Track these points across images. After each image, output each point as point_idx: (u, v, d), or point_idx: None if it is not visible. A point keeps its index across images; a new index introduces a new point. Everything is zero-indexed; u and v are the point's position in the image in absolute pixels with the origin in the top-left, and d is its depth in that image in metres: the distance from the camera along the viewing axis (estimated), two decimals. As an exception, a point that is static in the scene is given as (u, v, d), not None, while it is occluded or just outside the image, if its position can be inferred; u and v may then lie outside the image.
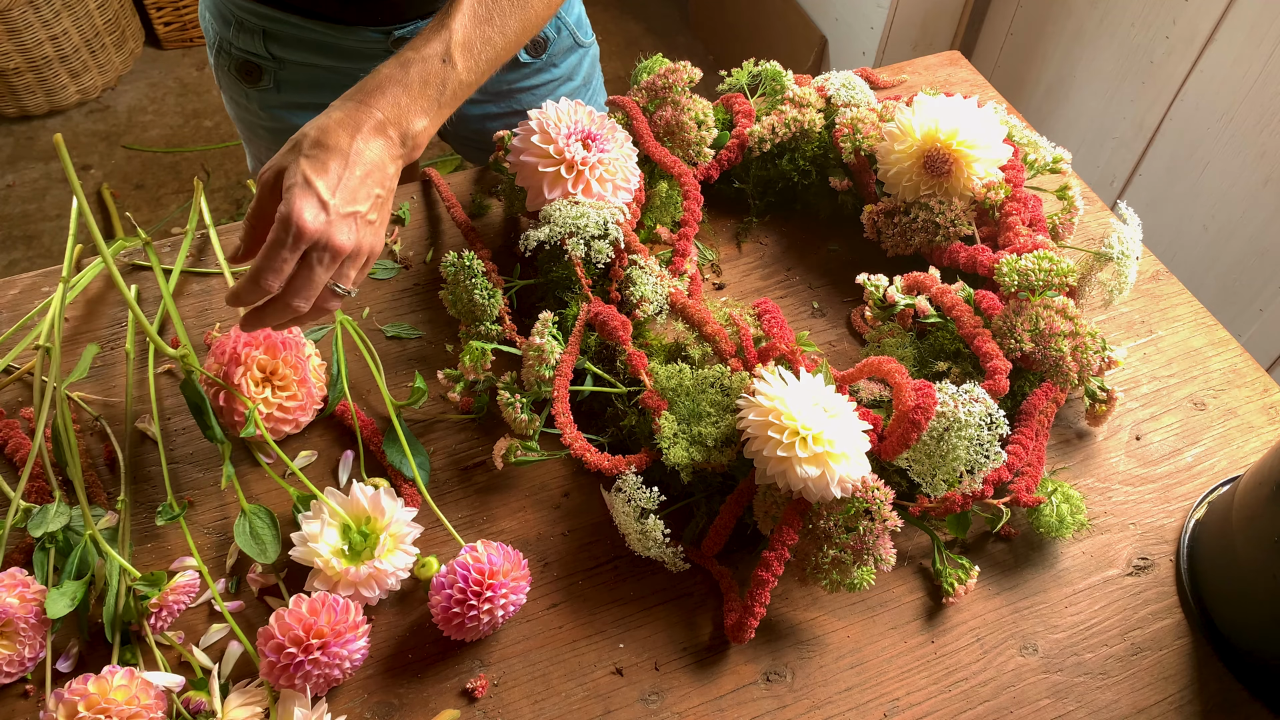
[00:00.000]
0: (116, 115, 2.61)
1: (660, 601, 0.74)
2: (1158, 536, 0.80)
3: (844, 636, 0.73)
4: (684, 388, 0.75)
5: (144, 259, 0.93)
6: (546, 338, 0.75)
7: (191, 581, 0.71)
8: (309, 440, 0.82)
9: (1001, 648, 0.73)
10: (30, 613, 0.67)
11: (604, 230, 0.81)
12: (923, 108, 0.89)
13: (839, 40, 2.27)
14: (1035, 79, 1.91)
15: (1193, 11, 1.53)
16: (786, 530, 0.68)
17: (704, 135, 0.92)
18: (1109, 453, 0.85)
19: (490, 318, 0.81)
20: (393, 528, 0.71)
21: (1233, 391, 0.90)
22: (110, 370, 0.86)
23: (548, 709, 0.69)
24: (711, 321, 0.80)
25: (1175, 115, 1.62)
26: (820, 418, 0.67)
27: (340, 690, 0.69)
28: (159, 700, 0.64)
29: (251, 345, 0.76)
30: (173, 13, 2.72)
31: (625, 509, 0.71)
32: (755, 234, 1.00)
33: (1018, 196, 0.88)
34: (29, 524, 0.70)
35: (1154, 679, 0.72)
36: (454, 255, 0.80)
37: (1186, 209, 1.65)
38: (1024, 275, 0.78)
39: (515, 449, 0.77)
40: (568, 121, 0.85)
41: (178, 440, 0.82)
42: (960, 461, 0.69)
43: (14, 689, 0.68)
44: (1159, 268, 0.99)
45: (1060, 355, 0.76)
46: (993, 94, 1.14)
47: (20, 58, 2.42)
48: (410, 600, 0.74)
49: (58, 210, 2.36)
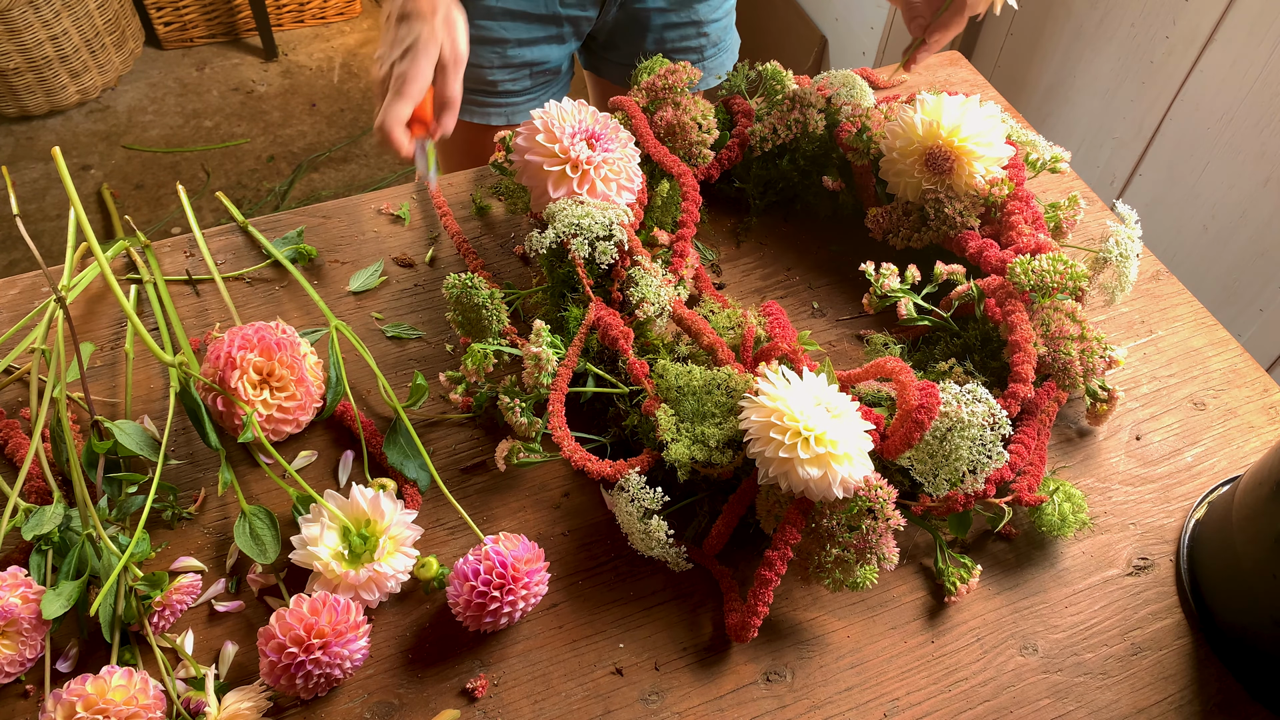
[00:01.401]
0: (116, 115, 2.61)
1: (660, 601, 0.74)
2: (1158, 536, 0.80)
3: (844, 636, 0.73)
4: (691, 387, 0.74)
5: (143, 259, 0.92)
6: (543, 347, 0.75)
7: (193, 582, 0.71)
8: (309, 440, 0.82)
9: (1001, 648, 0.73)
10: (32, 613, 0.67)
11: (609, 231, 0.81)
12: (924, 106, 0.89)
13: (839, 40, 2.27)
14: (1035, 79, 1.91)
15: (1193, 11, 1.53)
16: (790, 529, 0.68)
17: (704, 136, 0.92)
18: (1109, 453, 0.85)
19: (495, 332, 0.81)
20: (393, 530, 0.71)
21: (1233, 391, 0.90)
22: (110, 370, 0.86)
23: (548, 709, 0.69)
24: (709, 332, 0.80)
25: (1175, 115, 1.62)
26: (823, 418, 0.67)
27: (340, 690, 0.69)
28: (158, 700, 0.64)
29: (246, 348, 0.76)
30: (173, 13, 2.72)
31: (628, 509, 0.71)
32: (755, 234, 1.00)
33: (1020, 195, 0.88)
34: (24, 527, 0.70)
35: (1154, 679, 0.72)
36: (454, 277, 0.80)
37: (1186, 209, 1.65)
38: (1039, 276, 0.77)
39: (517, 450, 0.77)
40: (572, 121, 0.85)
41: (178, 440, 0.82)
42: (963, 461, 0.69)
43: (13, 689, 0.68)
44: (1159, 268, 0.99)
45: (1069, 359, 0.76)
46: (993, 94, 1.14)
47: (20, 58, 2.42)
48: (410, 600, 0.74)
49: (57, 210, 2.36)
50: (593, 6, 1.15)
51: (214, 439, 0.77)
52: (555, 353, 0.76)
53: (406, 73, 0.82)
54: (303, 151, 2.54)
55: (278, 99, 2.68)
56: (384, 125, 0.82)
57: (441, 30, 0.84)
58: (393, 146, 0.83)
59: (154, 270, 0.91)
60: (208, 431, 0.76)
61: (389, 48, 0.84)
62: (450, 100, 0.87)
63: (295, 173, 2.49)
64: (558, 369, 0.76)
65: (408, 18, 0.84)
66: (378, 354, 0.88)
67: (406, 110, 0.82)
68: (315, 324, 0.90)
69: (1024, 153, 0.95)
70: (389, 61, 0.84)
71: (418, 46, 0.82)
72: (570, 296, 0.84)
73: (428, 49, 0.83)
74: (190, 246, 0.95)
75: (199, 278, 0.93)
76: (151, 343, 0.70)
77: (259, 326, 0.78)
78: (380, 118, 0.82)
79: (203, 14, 2.76)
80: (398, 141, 0.83)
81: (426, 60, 0.83)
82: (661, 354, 0.81)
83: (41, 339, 0.80)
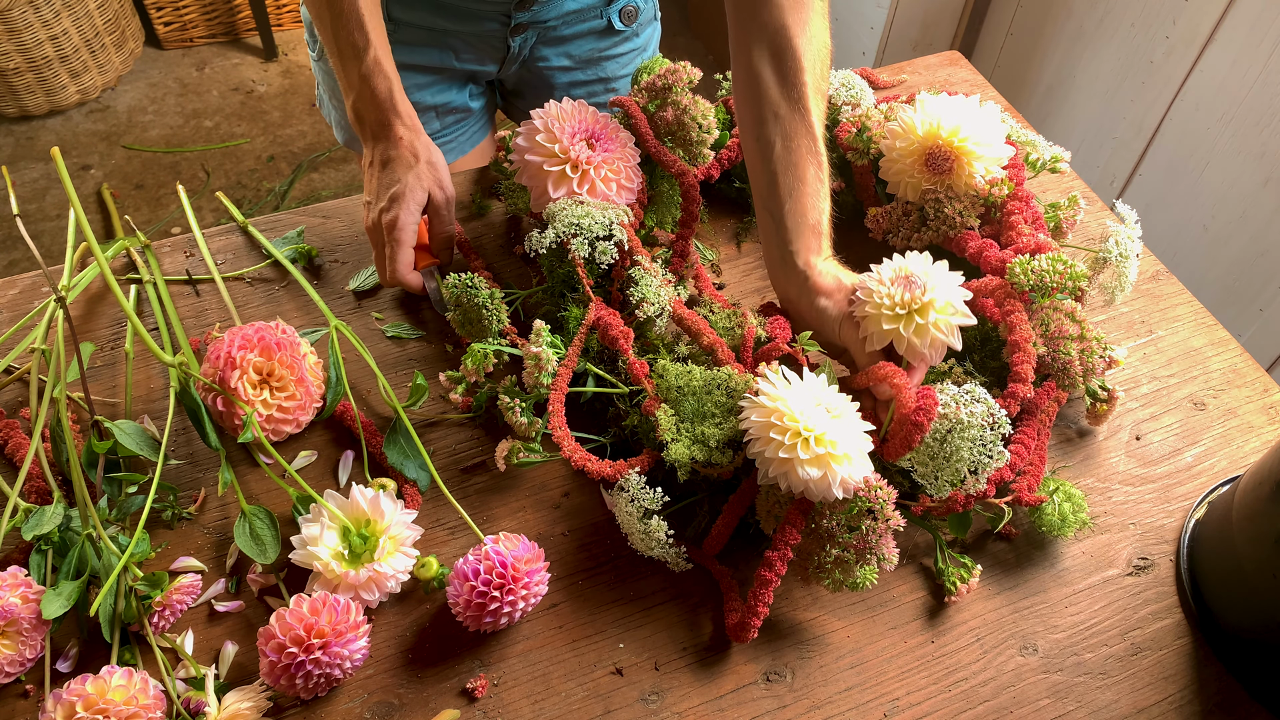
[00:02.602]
0: (116, 115, 2.61)
1: (660, 601, 0.74)
2: (1158, 536, 0.80)
3: (844, 636, 0.73)
4: (691, 387, 0.74)
5: (143, 259, 0.92)
6: (543, 347, 0.75)
7: (193, 582, 0.71)
8: (309, 440, 0.82)
9: (1001, 648, 0.73)
10: (32, 613, 0.67)
11: (609, 231, 0.81)
12: (924, 106, 0.89)
13: (839, 40, 2.27)
14: (1035, 79, 1.91)
15: (1193, 11, 1.53)
16: (790, 530, 0.68)
17: (704, 136, 0.92)
18: (1109, 453, 0.85)
19: (495, 332, 0.81)
20: (393, 530, 0.71)
21: (1233, 391, 0.90)
22: (110, 370, 0.86)
23: (548, 709, 0.69)
24: (709, 332, 0.80)
25: (1175, 115, 1.62)
26: (823, 418, 0.67)
27: (340, 690, 0.69)
28: (158, 700, 0.64)
29: (246, 348, 0.76)
30: (173, 13, 2.72)
31: (628, 509, 0.71)
32: (755, 234, 1.00)
33: (1020, 195, 0.88)
34: (24, 527, 0.70)
35: (1154, 679, 0.72)
36: (455, 277, 0.80)
37: (1186, 209, 1.65)
38: (1039, 276, 0.77)
39: (517, 450, 0.77)
40: (572, 121, 0.85)
41: (178, 440, 0.82)
42: (964, 462, 0.69)
43: (13, 689, 0.68)
44: (1159, 268, 0.99)
45: (1069, 359, 0.76)
46: (993, 94, 1.14)
47: (20, 58, 2.42)
48: (410, 600, 0.74)
49: (57, 210, 2.36)
50: (491, 63, 1.12)
51: (214, 439, 0.77)
52: (555, 353, 0.76)
53: (397, 220, 0.84)
54: (303, 151, 2.54)
55: (278, 99, 2.68)
56: (397, 276, 0.85)
57: (427, 174, 0.86)
58: (408, 288, 0.87)
59: (154, 270, 0.91)
60: (208, 431, 0.77)
61: (375, 194, 0.86)
62: (450, 235, 0.90)
63: (295, 173, 2.49)
64: (558, 369, 0.76)
65: (390, 164, 0.86)
66: (378, 354, 0.88)
67: (409, 255, 0.85)
68: (315, 324, 0.90)
69: (1024, 153, 0.95)
70: (377, 207, 0.85)
71: (404, 193, 0.84)
72: (570, 296, 0.84)
73: (414, 194, 0.85)
74: (190, 246, 0.95)
75: (199, 278, 0.93)
76: (151, 343, 0.70)
77: (259, 326, 0.78)
78: (390, 271, 0.85)
79: (203, 14, 2.76)
80: (412, 285, 0.86)
81: (414, 204, 0.85)
82: (661, 354, 0.81)
83: (41, 339, 0.80)
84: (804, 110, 0.80)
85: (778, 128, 0.80)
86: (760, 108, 0.81)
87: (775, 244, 0.81)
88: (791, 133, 0.80)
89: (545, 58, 1.13)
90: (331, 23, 0.85)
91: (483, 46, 1.09)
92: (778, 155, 0.80)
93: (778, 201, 0.80)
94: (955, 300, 0.74)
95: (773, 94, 0.81)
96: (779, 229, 0.80)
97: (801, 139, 0.80)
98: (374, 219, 0.86)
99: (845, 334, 0.77)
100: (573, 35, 1.12)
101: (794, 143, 0.80)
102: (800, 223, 0.79)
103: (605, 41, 1.15)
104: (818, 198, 0.80)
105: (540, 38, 1.11)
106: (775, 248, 0.81)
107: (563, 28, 1.11)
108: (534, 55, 1.13)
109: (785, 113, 0.80)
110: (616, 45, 1.16)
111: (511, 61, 1.12)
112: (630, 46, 1.18)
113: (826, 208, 0.81)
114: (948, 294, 0.73)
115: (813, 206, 0.79)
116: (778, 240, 0.80)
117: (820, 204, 0.80)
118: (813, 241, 0.79)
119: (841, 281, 0.78)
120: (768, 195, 0.81)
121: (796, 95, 0.80)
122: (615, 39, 1.15)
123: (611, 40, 1.15)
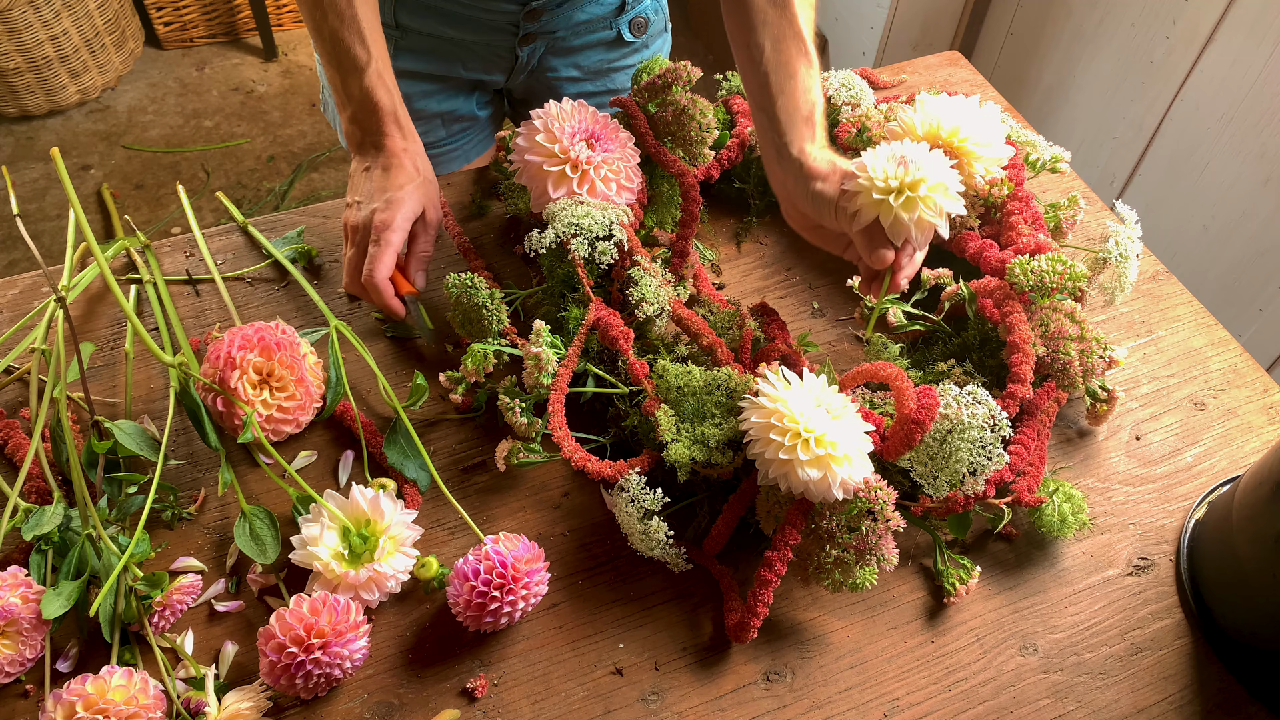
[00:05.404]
0: (116, 115, 2.61)
1: (660, 601, 0.74)
2: (1158, 536, 0.80)
3: (844, 636, 0.73)
4: (691, 388, 0.75)
5: (143, 259, 0.92)
6: (543, 347, 0.75)
7: (193, 582, 0.71)
8: (309, 440, 0.82)
9: (1001, 648, 0.73)
10: (32, 612, 0.67)
11: (609, 231, 0.81)
12: (924, 106, 0.89)
13: (839, 40, 2.27)
14: (1035, 79, 1.91)
15: (1193, 11, 1.53)
16: (790, 530, 0.68)
17: (704, 136, 0.92)
18: (1109, 453, 0.85)
19: (495, 332, 0.81)
20: (393, 530, 0.71)
21: (1233, 391, 0.90)
22: (110, 370, 0.86)
23: (548, 709, 0.69)
24: (709, 332, 0.80)
25: (1175, 115, 1.62)
26: (823, 419, 0.67)
27: (340, 690, 0.69)
28: (158, 700, 0.64)
29: (246, 348, 0.76)
30: (173, 13, 2.72)
31: (628, 509, 0.71)
32: (755, 234, 1.00)
33: (1020, 195, 0.88)
34: (24, 527, 0.70)
35: (1154, 679, 0.72)
36: (455, 276, 0.80)
37: (1186, 209, 1.65)
38: (1038, 276, 0.77)
39: (517, 450, 0.77)
40: (572, 121, 0.85)
41: (178, 440, 0.82)
42: (963, 463, 0.69)
43: (13, 689, 0.68)
44: (1159, 268, 0.99)
45: (1069, 359, 0.76)
46: (993, 94, 1.14)
47: (20, 58, 2.42)
48: (410, 600, 0.74)
49: (57, 210, 2.36)
50: (499, 73, 1.12)
51: (214, 439, 0.77)
52: (555, 353, 0.76)
53: (391, 221, 0.81)
54: (303, 151, 2.54)
55: (278, 99, 2.68)
56: (374, 279, 0.81)
57: (426, 190, 0.85)
58: (384, 303, 0.82)
59: (154, 270, 0.91)
60: (208, 431, 0.77)
61: (369, 196, 0.84)
62: (429, 257, 0.88)
63: (295, 173, 2.49)
64: (558, 369, 0.76)
65: (391, 170, 0.84)
66: (378, 354, 0.88)
67: (391, 260, 0.82)
68: (315, 324, 0.89)
69: (1024, 153, 0.94)
70: (370, 207, 0.83)
71: (403, 199, 0.83)
72: (570, 296, 0.84)
73: (411, 200, 0.83)
74: (190, 246, 0.95)
75: (199, 278, 0.93)
76: (151, 343, 0.70)
77: (259, 326, 0.78)
78: (367, 270, 0.81)
79: (203, 14, 2.76)
80: (390, 298, 0.82)
81: (409, 210, 0.83)
82: (661, 354, 0.81)
83: (41, 339, 0.80)
84: (790, 15, 0.81)
85: (766, 33, 0.81)
86: (748, 16, 0.82)
87: (770, 139, 0.81)
88: (780, 35, 0.81)
89: (554, 68, 1.13)
90: (331, 34, 0.85)
91: (491, 56, 1.09)
92: (768, 58, 0.81)
93: (769, 98, 0.81)
94: (948, 184, 0.74)
95: (759, 2, 0.82)
96: (773, 124, 0.80)
97: (789, 41, 0.81)
98: (363, 217, 0.83)
99: (841, 217, 0.77)
100: (582, 46, 1.12)
101: (782, 44, 0.81)
102: (793, 115, 0.80)
103: (614, 53, 1.14)
104: (809, 91, 0.80)
105: (549, 48, 1.11)
106: (771, 143, 0.81)
107: (572, 38, 1.10)
108: (542, 65, 1.12)
109: (773, 18, 0.81)
110: (626, 57, 1.16)
111: (519, 71, 1.12)
112: (640, 58, 1.17)
113: (819, 100, 0.81)
114: (941, 177, 0.74)
115: (804, 100, 0.80)
116: (772, 135, 0.81)
117: (812, 97, 0.81)
118: (805, 131, 0.80)
119: (836, 165, 0.78)
120: (760, 96, 0.82)
121: (783, 2, 0.81)
122: (625, 50, 1.15)
123: (621, 51, 1.15)
